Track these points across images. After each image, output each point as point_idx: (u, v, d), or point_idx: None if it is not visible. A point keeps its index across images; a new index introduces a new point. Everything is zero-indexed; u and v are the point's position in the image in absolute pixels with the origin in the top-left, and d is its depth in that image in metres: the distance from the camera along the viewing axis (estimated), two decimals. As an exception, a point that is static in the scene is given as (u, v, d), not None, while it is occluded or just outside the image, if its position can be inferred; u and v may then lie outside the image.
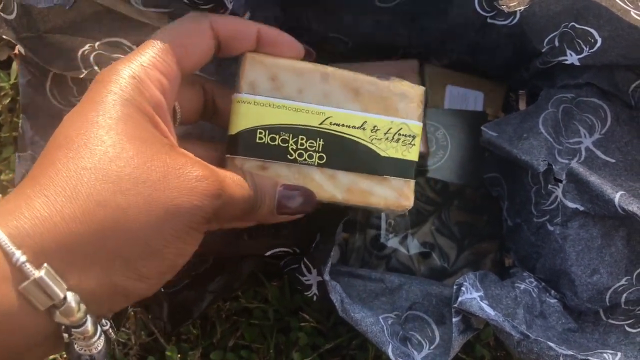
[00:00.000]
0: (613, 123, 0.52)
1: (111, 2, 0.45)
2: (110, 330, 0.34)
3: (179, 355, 0.62)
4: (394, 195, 0.44)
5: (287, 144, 0.41)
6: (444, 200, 0.64)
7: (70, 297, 0.29)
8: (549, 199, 0.54)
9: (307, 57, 0.43)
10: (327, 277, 0.47)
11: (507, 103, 0.64)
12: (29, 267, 0.28)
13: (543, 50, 0.53)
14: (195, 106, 0.44)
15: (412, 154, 0.44)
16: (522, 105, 0.61)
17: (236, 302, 0.64)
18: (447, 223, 0.63)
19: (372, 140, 0.43)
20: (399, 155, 0.43)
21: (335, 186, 0.43)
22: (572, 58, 0.51)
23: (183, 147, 0.37)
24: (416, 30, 0.56)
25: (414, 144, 0.43)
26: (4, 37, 0.47)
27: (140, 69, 0.35)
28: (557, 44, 0.52)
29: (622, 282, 0.49)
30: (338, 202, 0.43)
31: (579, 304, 0.51)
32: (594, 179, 0.49)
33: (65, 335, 0.31)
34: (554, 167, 0.51)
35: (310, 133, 0.41)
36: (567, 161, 0.52)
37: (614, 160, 0.51)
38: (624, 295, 0.49)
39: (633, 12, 0.46)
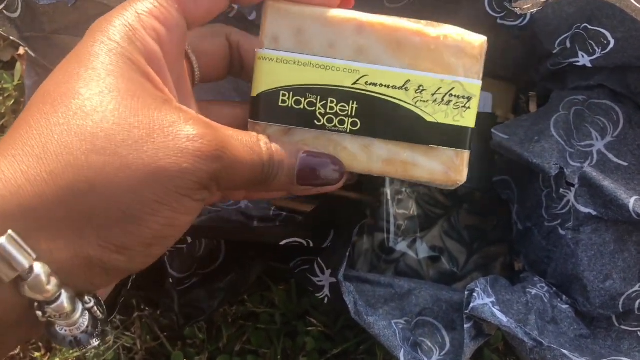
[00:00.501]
0: (625, 125, 0.52)
1: (116, 3, 0.45)
2: (96, 309, 0.30)
3: (184, 360, 0.62)
4: (442, 168, 0.37)
5: (314, 108, 0.36)
6: (453, 203, 0.63)
7: (39, 268, 0.26)
8: (560, 203, 0.53)
9: (344, 5, 0.37)
10: (341, 277, 0.46)
11: (517, 105, 0.64)
12: None
13: (554, 52, 0.53)
14: (219, 61, 0.40)
15: (467, 120, 0.37)
16: (532, 107, 0.60)
17: (243, 307, 0.63)
18: (456, 227, 0.63)
19: (416, 102, 0.36)
20: (449, 121, 0.36)
21: (370, 157, 0.37)
22: (583, 59, 0.51)
23: (207, 108, 0.34)
24: (425, 31, 0.56)
25: (470, 107, 0.36)
26: (9, 38, 0.47)
27: (134, 16, 0.31)
28: (568, 45, 0.51)
29: (636, 288, 0.49)
30: (374, 174, 0.38)
31: (592, 310, 0.50)
32: (607, 183, 0.48)
33: (39, 313, 0.27)
34: (565, 170, 0.51)
35: (342, 95, 0.36)
36: (578, 164, 0.51)
37: (626, 164, 0.51)
38: (638, 301, 0.49)
39: (648, 13, 0.45)
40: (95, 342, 0.31)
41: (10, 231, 0.26)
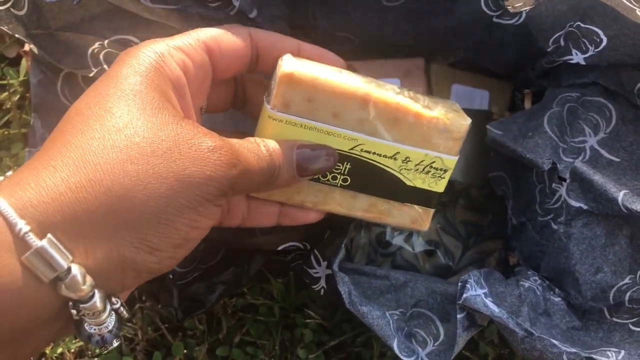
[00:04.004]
0: (618, 122, 0.53)
1: (120, 0, 0.46)
2: (122, 309, 0.32)
3: (185, 351, 0.62)
4: (410, 220, 0.44)
5: None
6: (449, 199, 0.64)
7: (76, 269, 0.28)
8: (553, 197, 0.54)
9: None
10: (336, 267, 0.47)
11: (513, 102, 0.64)
12: (31, 237, 0.27)
13: (549, 50, 0.53)
14: (224, 94, 0.44)
15: (439, 186, 0.43)
16: (527, 104, 0.61)
17: (242, 299, 0.64)
18: (452, 222, 0.63)
19: (401, 170, 0.42)
20: (425, 186, 0.43)
21: (353, 206, 0.43)
22: (577, 57, 0.52)
23: None
24: (422, 28, 0.57)
25: (444, 177, 0.43)
26: (14, 35, 0.48)
27: (164, 47, 0.35)
28: (562, 43, 0.52)
29: (626, 280, 0.50)
30: (353, 217, 0.44)
31: (583, 302, 0.51)
32: (597, 177, 0.49)
33: (74, 311, 0.30)
34: (558, 165, 0.52)
35: (339, 156, 0.40)
36: (571, 160, 0.52)
37: (618, 160, 0.52)
38: (628, 293, 0.50)
39: (639, 11, 0.46)
40: (115, 343, 0.33)
41: (49, 235, 0.28)
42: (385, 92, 0.40)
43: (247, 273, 0.54)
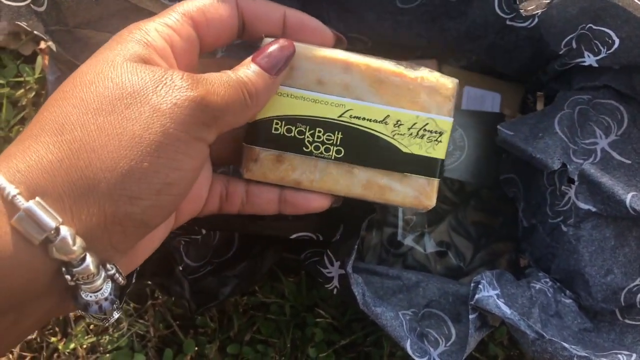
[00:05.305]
0: (630, 125, 0.53)
1: (136, -1, 0.47)
2: (118, 276, 0.32)
3: (196, 348, 0.63)
4: (415, 193, 0.42)
5: (303, 136, 0.40)
6: (460, 200, 0.64)
7: (65, 230, 0.29)
8: (562, 200, 0.54)
9: (337, 45, 0.42)
10: (349, 269, 0.47)
11: (525, 105, 0.65)
12: (19, 199, 0.28)
13: (561, 52, 0.54)
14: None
15: (438, 152, 0.41)
16: (539, 107, 0.61)
17: (253, 297, 0.64)
18: (463, 223, 0.64)
19: (394, 135, 0.41)
20: (422, 153, 0.41)
21: (352, 181, 0.41)
22: (589, 59, 0.52)
23: None
24: (436, 31, 0.57)
25: (441, 141, 0.41)
26: (30, 32, 0.48)
27: (150, 24, 0.35)
28: (574, 45, 0.52)
29: (637, 282, 0.50)
30: (354, 197, 0.42)
31: (594, 304, 0.51)
32: (605, 179, 0.49)
33: (68, 277, 0.30)
34: (568, 167, 0.52)
35: (329, 125, 0.40)
36: (581, 161, 0.52)
37: (629, 162, 0.52)
38: (639, 295, 0.50)
39: (651, 13, 0.46)
40: (116, 315, 0.33)
41: (37, 197, 0.29)
42: (366, 57, 0.41)
43: (260, 269, 0.54)
